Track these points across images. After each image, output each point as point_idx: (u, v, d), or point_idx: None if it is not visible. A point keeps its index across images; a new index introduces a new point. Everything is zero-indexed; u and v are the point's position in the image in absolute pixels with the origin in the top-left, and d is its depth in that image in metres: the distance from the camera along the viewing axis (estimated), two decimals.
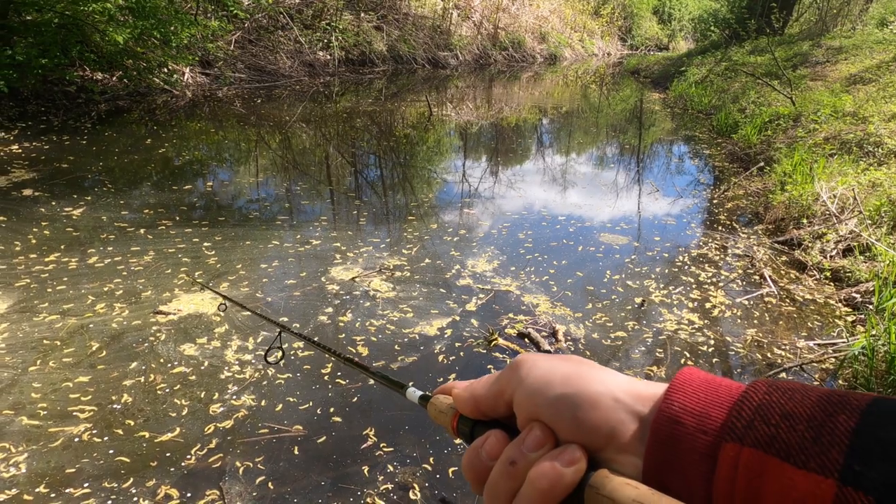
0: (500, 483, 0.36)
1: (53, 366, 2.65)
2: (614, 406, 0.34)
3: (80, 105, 8.01)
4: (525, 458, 0.35)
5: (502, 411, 0.40)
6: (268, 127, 8.13)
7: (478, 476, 0.38)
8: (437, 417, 0.46)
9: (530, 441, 0.35)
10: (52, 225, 4.16)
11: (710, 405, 0.32)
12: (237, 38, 11.14)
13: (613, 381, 0.36)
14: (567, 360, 0.38)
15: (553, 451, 0.34)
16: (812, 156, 5.48)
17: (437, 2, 16.47)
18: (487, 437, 0.38)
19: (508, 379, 0.39)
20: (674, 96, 12.30)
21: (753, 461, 0.29)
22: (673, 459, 0.32)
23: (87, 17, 7.53)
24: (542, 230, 4.69)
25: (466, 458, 0.39)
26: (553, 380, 0.36)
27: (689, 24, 27.74)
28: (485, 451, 0.38)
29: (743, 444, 0.30)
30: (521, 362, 0.39)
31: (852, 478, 0.26)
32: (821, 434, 0.28)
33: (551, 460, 0.34)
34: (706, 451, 0.31)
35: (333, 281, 3.60)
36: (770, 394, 0.31)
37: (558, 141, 9.27)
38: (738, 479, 0.29)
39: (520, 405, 0.38)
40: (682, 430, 0.32)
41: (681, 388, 0.34)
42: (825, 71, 9.20)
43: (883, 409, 0.27)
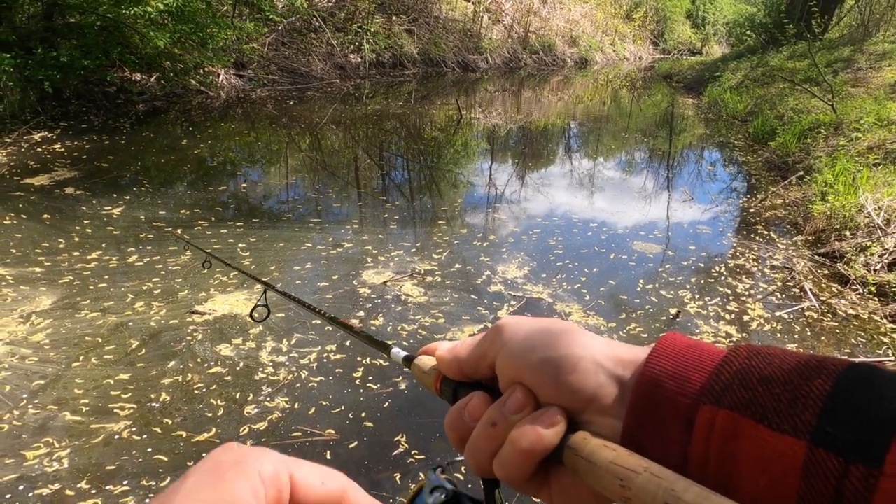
0: (482, 443, 0.36)
1: (95, 362, 2.71)
2: (595, 369, 0.34)
3: (119, 105, 8.22)
4: (506, 419, 0.35)
5: (485, 373, 0.40)
6: (299, 128, 8.22)
7: (459, 436, 0.39)
8: (421, 378, 0.46)
9: (512, 403, 0.36)
10: (93, 223, 4.27)
11: (691, 369, 0.32)
12: (271, 40, 11.31)
13: (595, 344, 0.36)
14: (549, 324, 0.38)
15: (534, 414, 0.35)
16: (855, 165, 5.32)
17: (468, 5, 16.48)
18: (470, 398, 0.39)
19: (491, 342, 0.39)
20: (708, 102, 12.09)
21: (729, 423, 0.29)
22: (652, 421, 0.32)
23: (128, 19, 7.73)
24: (573, 237, 4.65)
25: (449, 417, 0.39)
26: (535, 343, 0.36)
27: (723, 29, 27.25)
28: (467, 413, 0.38)
29: (720, 406, 0.30)
30: (503, 325, 0.39)
31: (822, 438, 0.26)
32: (796, 397, 0.28)
33: (532, 422, 0.34)
34: (684, 413, 0.31)
35: (365, 284, 3.62)
36: (750, 359, 0.31)
37: (588, 145, 9.19)
38: (713, 441, 0.29)
39: (502, 368, 0.38)
40: (661, 393, 0.32)
41: (662, 353, 0.34)
42: (867, 77, 8.93)
43: (858, 374, 0.28)
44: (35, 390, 2.52)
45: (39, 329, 2.94)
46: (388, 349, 0.53)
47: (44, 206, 4.54)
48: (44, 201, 4.64)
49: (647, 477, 0.29)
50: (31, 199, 4.65)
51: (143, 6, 7.42)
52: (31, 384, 2.55)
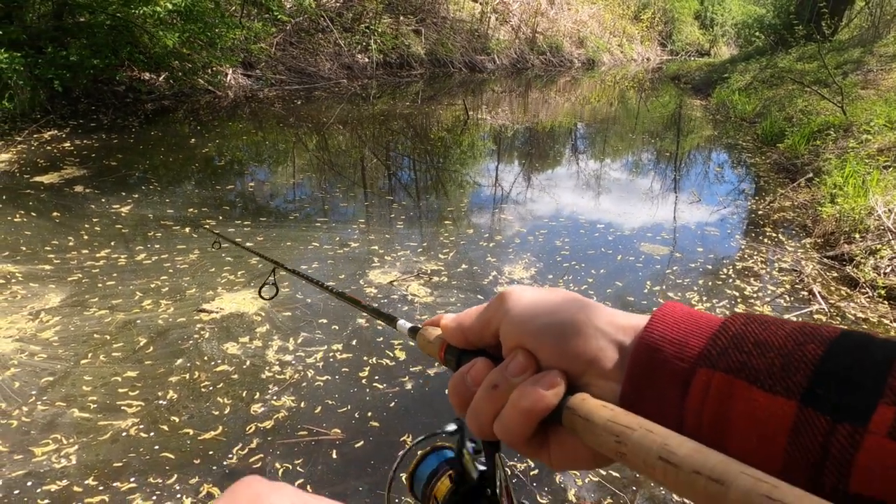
0: (483, 405, 0.37)
1: (103, 360, 2.72)
2: (595, 334, 0.36)
3: (127, 104, 8.27)
4: (508, 382, 0.36)
5: (489, 341, 0.41)
6: (306, 128, 8.24)
7: (462, 400, 0.40)
8: (426, 347, 0.47)
9: (513, 366, 0.37)
10: (102, 221, 4.29)
11: (689, 335, 0.33)
12: (279, 40, 11.35)
13: (596, 310, 0.37)
14: (553, 292, 0.40)
15: (535, 376, 0.36)
16: (865, 168, 5.28)
17: (476, 6, 16.48)
18: (473, 363, 0.40)
19: (496, 309, 0.40)
20: (716, 103, 12.03)
21: (724, 385, 0.30)
22: (650, 384, 0.33)
23: (138, 19, 7.77)
24: (580, 238, 4.64)
25: (452, 382, 0.40)
26: (538, 310, 0.38)
27: (731, 30, 27.12)
28: (470, 377, 0.39)
29: (716, 369, 0.31)
30: (508, 294, 0.40)
31: (812, 399, 0.28)
32: (789, 361, 0.29)
33: (533, 384, 0.35)
34: (682, 376, 0.32)
35: (371, 284, 3.62)
36: (747, 325, 0.32)
37: (595, 147, 9.16)
38: (708, 402, 0.31)
39: (506, 334, 0.39)
40: (660, 357, 0.33)
41: (662, 319, 0.35)
42: (878, 79, 8.87)
43: (850, 341, 0.29)
44: (44, 387, 2.54)
45: (48, 326, 2.96)
46: (395, 321, 0.55)
47: (53, 203, 4.57)
48: (53, 199, 4.67)
49: (642, 433, 0.30)
50: (40, 197, 4.69)
51: (152, 6, 7.46)
52: (39, 381, 2.57)
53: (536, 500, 2.14)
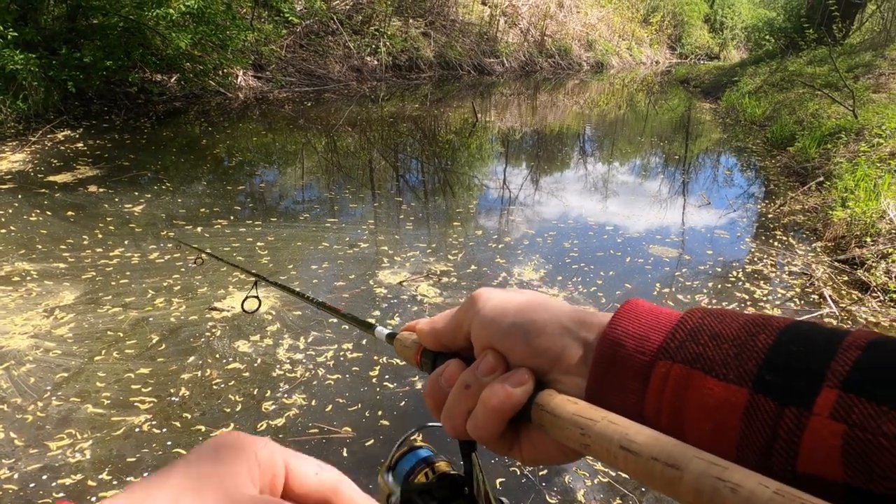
0: (456, 405, 0.38)
1: (117, 356, 2.76)
2: (561, 332, 0.37)
3: (140, 105, 8.35)
4: (478, 381, 0.37)
5: (461, 343, 0.42)
6: (316, 130, 8.29)
7: (437, 402, 0.41)
8: (403, 353, 0.48)
9: (483, 366, 0.38)
10: (115, 220, 4.34)
11: (651, 330, 0.34)
12: (289, 42, 11.42)
13: (561, 309, 0.38)
14: (520, 293, 0.41)
15: (504, 375, 0.37)
16: (877, 171, 5.25)
17: (485, 9, 16.51)
18: (447, 366, 0.41)
19: (466, 311, 0.41)
20: (725, 106, 11.99)
21: (681, 376, 0.32)
22: (613, 378, 0.34)
23: (150, 21, 7.86)
24: (589, 240, 4.64)
25: (428, 385, 0.41)
26: (506, 310, 0.39)
27: (741, 33, 27.02)
28: (443, 379, 0.40)
29: (674, 361, 0.32)
30: (477, 296, 0.41)
31: (762, 386, 0.29)
32: (742, 351, 0.31)
33: (502, 382, 0.36)
34: (642, 369, 0.33)
35: (381, 284, 3.64)
36: (703, 318, 0.34)
37: (603, 149, 9.15)
38: (666, 392, 0.32)
39: (476, 335, 0.40)
40: (622, 352, 0.34)
41: (625, 316, 0.36)
42: (889, 83, 8.81)
43: (798, 330, 0.30)
44: (58, 382, 2.57)
45: (63, 323, 3.00)
46: (372, 328, 0.55)
47: (67, 203, 4.63)
48: (67, 198, 4.72)
49: (604, 424, 0.31)
50: (55, 197, 4.74)
51: (164, 8, 7.54)
52: (54, 377, 2.61)
53: (546, 500, 2.15)
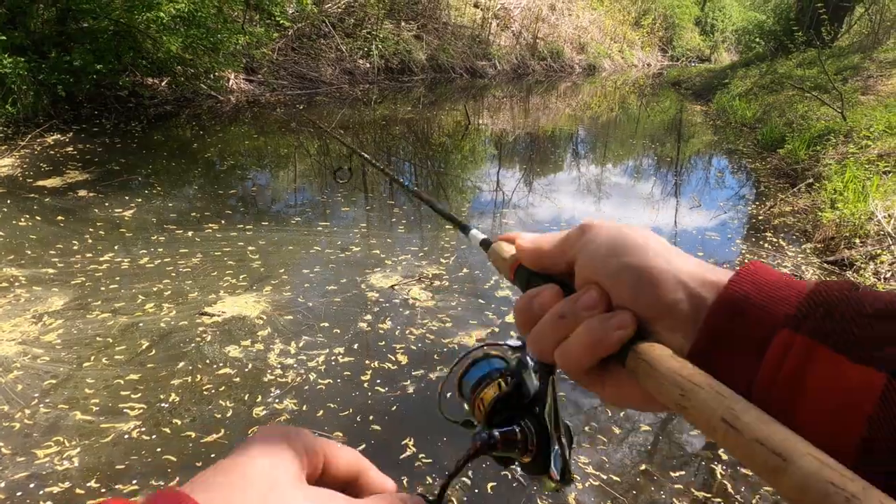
0: (548, 332, 0.38)
1: (106, 363, 2.74)
2: (676, 286, 0.35)
3: (130, 109, 8.30)
4: (576, 314, 0.37)
5: (562, 269, 0.41)
6: (307, 133, 8.28)
7: (526, 321, 0.40)
8: (497, 262, 0.48)
9: (585, 300, 0.37)
10: (105, 225, 4.31)
11: (775, 296, 0.32)
12: (281, 45, 11.40)
13: (680, 261, 0.36)
14: (635, 232, 0.38)
15: (606, 314, 0.36)
16: (865, 173, 5.30)
17: (477, 11, 16.54)
18: (543, 289, 0.40)
19: (575, 240, 0.39)
20: (716, 109, 12.06)
21: (804, 348, 0.30)
22: (724, 343, 0.33)
23: (141, 24, 7.82)
24: None
25: (520, 303, 0.41)
26: (619, 248, 0.37)
27: (732, 36, 27.20)
28: (538, 302, 0.39)
29: (798, 332, 0.30)
30: (589, 226, 0.40)
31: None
32: (880, 336, 0.29)
33: (602, 321, 0.35)
34: (759, 339, 0.31)
35: (373, 288, 3.63)
36: (840, 292, 0.31)
37: (595, 152, 9.19)
38: (786, 363, 0.30)
39: (581, 267, 0.38)
40: (739, 317, 0.33)
41: (747, 278, 0.34)
42: (878, 85, 8.89)
43: None
44: (46, 389, 2.55)
45: (51, 329, 2.97)
46: (468, 230, 0.56)
47: (57, 207, 4.60)
48: (57, 203, 4.69)
49: (709, 393, 0.30)
50: (44, 202, 4.71)
51: (155, 11, 7.51)
52: (42, 383, 2.58)
53: (536, 502, 2.14)
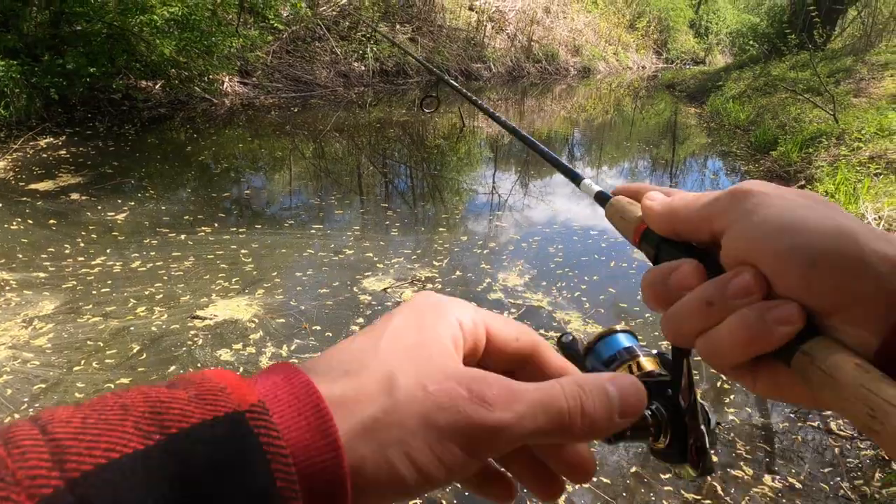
0: (689, 319, 0.32)
1: (96, 367, 2.73)
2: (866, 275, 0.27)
3: (124, 112, 8.29)
4: (726, 302, 0.30)
5: (703, 237, 0.34)
6: (302, 136, 8.28)
7: (658, 298, 0.34)
8: (617, 222, 0.41)
9: (737, 286, 0.30)
10: (97, 229, 4.31)
11: None
12: (275, 48, 11.40)
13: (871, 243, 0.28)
14: (809, 201, 0.31)
15: (766, 303, 0.29)
16: (856, 175, 5.33)
17: (472, 14, 16.59)
18: (681, 265, 0.33)
19: (727, 207, 0.32)
20: (710, 111, 12.11)
21: None
22: None
23: (134, 27, 7.82)
24: (573, 244, 4.66)
25: (650, 277, 0.34)
26: (787, 224, 0.29)
27: (726, 38, 27.34)
28: (674, 280, 0.33)
29: None
30: (748, 192, 0.32)
31: None
32: None
33: (760, 313, 0.29)
34: None
35: (366, 291, 3.64)
36: None
37: (590, 154, 9.22)
38: None
39: (733, 242, 0.31)
40: None
41: None
42: (869, 87, 8.95)
43: None
44: (36, 394, 2.54)
45: (42, 333, 2.96)
46: (579, 179, 0.49)
47: (50, 211, 4.58)
48: (49, 207, 4.68)
49: None
50: (36, 205, 4.69)
51: (149, 14, 7.50)
52: (32, 388, 2.57)
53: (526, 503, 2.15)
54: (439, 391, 0.27)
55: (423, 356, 0.28)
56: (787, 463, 2.40)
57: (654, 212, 0.36)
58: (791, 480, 2.30)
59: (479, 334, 0.31)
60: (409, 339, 0.29)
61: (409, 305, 0.31)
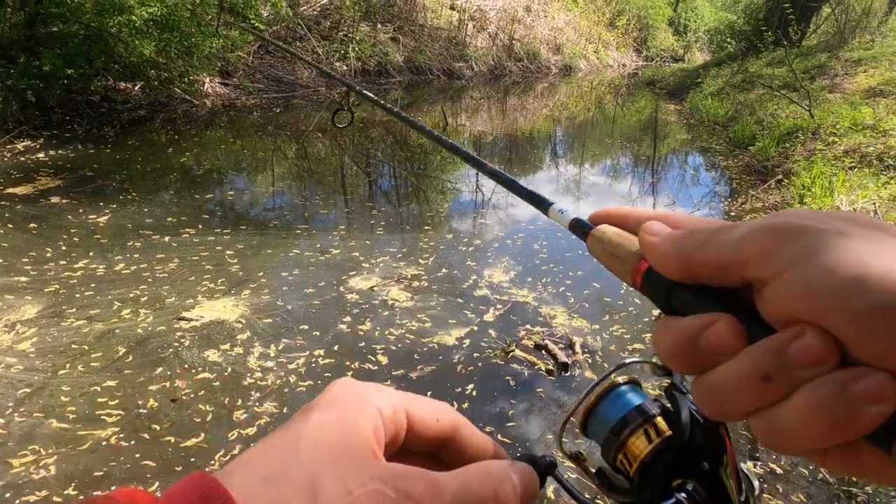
0: (738, 397, 0.25)
1: (82, 370, 2.71)
2: None
3: (103, 114, 8.18)
4: (789, 374, 0.23)
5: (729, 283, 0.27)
6: (285, 136, 8.24)
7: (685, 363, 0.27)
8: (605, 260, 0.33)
9: (802, 352, 0.23)
10: (79, 232, 4.26)
11: None
12: (256, 48, 11.32)
13: None
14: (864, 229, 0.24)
15: (842, 374, 0.22)
16: (832, 168, 5.45)
17: (453, 13, 16.61)
18: (714, 321, 0.26)
19: (768, 250, 0.25)
20: (690, 108, 12.27)
21: None
22: None
23: (112, 28, 7.72)
24: (558, 240, 4.71)
25: (670, 336, 0.28)
26: (863, 275, 0.22)
27: (704, 36, 27.68)
28: (707, 343, 0.26)
29: None
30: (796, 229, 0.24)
31: None
32: None
33: (842, 388, 0.22)
34: None
35: (352, 290, 3.65)
36: None
37: (572, 151, 9.29)
38: None
39: (785, 300, 0.24)
40: None
41: None
42: (843, 83, 9.14)
43: None
44: (21, 398, 2.52)
45: (25, 338, 2.93)
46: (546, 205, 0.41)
47: (30, 215, 4.52)
48: (29, 210, 4.61)
49: None
50: (16, 209, 4.63)
51: (127, 15, 7.41)
52: (16, 392, 2.55)
53: None
54: (365, 495, 0.26)
55: (345, 456, 0.27)
56: (768, 450, 2.46)
57: (661, 252, 0.29)
58: (772, 466, 2.36)
59: (399, 420, 0.30)
60: (330, 438, 0.27)
61: (329, 398, 0.29)
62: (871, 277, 0.22)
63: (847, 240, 0.23)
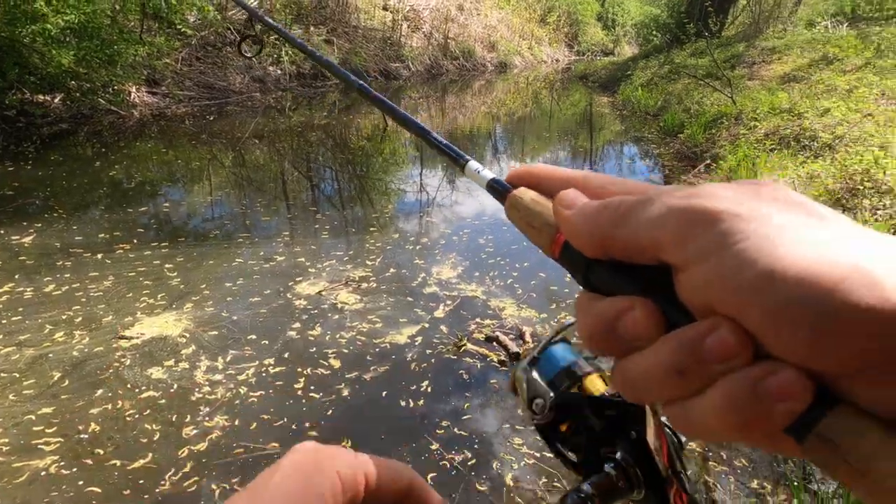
0: (652, 387, 0.24)
1: (13, 399, 2.56)
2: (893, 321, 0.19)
3: (20, 129, 7.71)
4: (702, 368, 0.22)
5: (646, 261, 0.25)
6: (221, 144, 8.01)
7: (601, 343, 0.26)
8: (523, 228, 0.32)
9: (716, 346, 0.22)
10: (2, 254, 4.01)
11: None
12: (184, 55, 10.94)
13: None
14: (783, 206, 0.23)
15: (760, 368, 0.21)
16: (755, 151, 5.77)
17: (387, 14, 16.55)
18: (630, 307, 0.25)
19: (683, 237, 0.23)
20: (622, 99, 12.69)
21: None
22: None
23: (25, 38, 7.29)
24: (503, 234, 4.78)
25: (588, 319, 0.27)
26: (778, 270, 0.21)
27: (632, 30, 28.66)
28: (624, 329, 0.25)
29: None
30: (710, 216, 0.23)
31: None
32: None
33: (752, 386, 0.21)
34: None
35: (299, 296, 3.59)
36: None
37: (512, 146, 9.45)
38: None
39: (698, 290, 0.23)
40: None
41: None
42: (761, 71, 9.67)
43: None
44: None
45: None
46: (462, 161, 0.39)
47: None
48: None
49: None
50: None
51: (41, 24, 7.02)
52: None
53: (476, 488, 2.21)
54: None
55: None
56: None
57: (575, 228, 0.28)
58: None
59: (357, 483, 0.31)
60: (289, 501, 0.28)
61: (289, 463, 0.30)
62: (782, 272, 0.21)
63: (761, 226, 0.22)
